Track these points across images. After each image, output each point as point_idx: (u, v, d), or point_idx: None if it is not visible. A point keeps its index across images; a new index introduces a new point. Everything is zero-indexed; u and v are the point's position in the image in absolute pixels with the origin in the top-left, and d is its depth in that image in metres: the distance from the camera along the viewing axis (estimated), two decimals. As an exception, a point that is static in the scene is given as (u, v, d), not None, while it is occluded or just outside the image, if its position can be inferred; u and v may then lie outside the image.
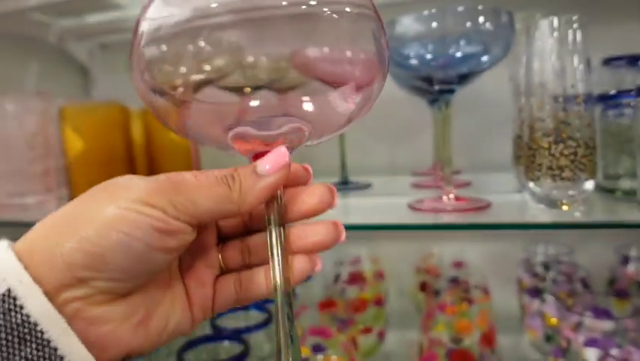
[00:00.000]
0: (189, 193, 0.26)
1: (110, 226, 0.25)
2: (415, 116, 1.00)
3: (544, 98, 0.54)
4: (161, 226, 0.25)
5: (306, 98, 0.28)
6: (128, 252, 0.25)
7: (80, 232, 0.24)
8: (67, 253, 0.24)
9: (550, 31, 0.53)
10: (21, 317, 0.23)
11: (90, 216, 0.25)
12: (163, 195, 0.26)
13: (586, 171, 0.53)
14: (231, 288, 0.32)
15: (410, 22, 0.55)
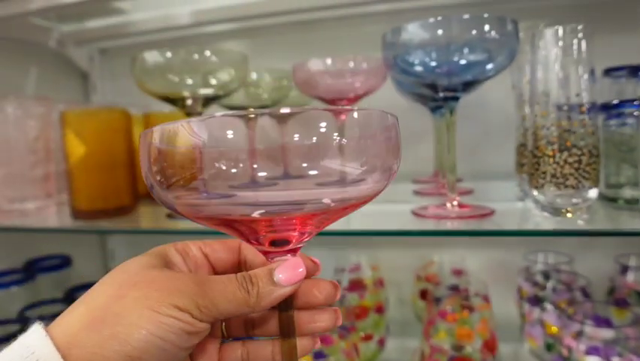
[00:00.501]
0: (213, 297, 0.29)
1: (149, 331, 0.27)
2: (415, 123, 1.00)
3: (549, 107, 0.54)
4: (190, 329, 0.28)
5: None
6: (162, 353, 0.28)
7: (120, 335, 0.27)
8: (109, 356, 0.26)
9: (555, 40, 0.53)
10: None
11: (128, 320, 0.27)
12: (190, 297, 0.28)
13: (590, 180, 0.53)
14: (238, 357, 0.35)
15: (416, 30, 0.56)
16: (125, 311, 0.27)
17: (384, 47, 0.60)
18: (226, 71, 0.73)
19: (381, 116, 0.32)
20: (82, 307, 0.28)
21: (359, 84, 0.80)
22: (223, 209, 0.30)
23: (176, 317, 0.28)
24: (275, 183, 0.28)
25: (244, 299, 0.30)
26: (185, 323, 0.28)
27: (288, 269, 0.31)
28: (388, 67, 0.61)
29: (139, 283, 0.29)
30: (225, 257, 0.35)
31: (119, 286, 0.29)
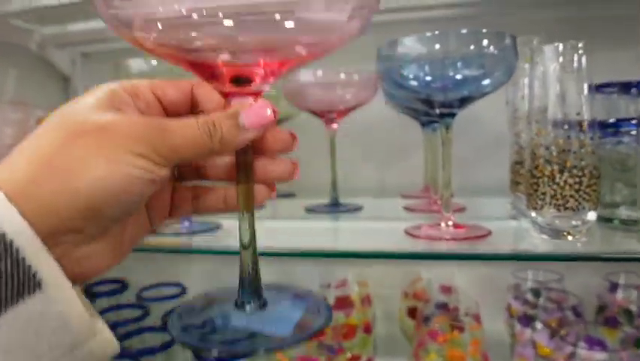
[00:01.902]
0: (173, 143, 0.27)
1: (106, 182, 0.25)
2: (405, 136, 0.99)
3: (548, 125, 0.52)
4: (150, 177, 0.27)
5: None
6: (125, 203, 0.27)
7: (74, 185, 0.25)
8: (63, 207, 0.25)
9: (555, 56, 0.52)
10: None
11: (81, 169, 0.25)
12: (148, 144, 0.26)
13: (590, 201, 0.52)
14: (188, 201, 0.34)
15: (412, 43, 0.54)
16: (76, 162, 0.25)
17: (379, 60, 0.58)
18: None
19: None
20: (24, 159, 0.26)
21: (350, 96, 0.78)
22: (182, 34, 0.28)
23: (138, 165, 0.26)
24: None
25: (206, 145, 0.28)
26: (144, 170, 0.26)
27: (253, 111, 0.30)
28: (383, 80, 0.59)
29: (90, 130, 0.26)
30: (177, 100, 0.32)
31: (66, 133, 0.26)
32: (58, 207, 0.25)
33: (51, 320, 0.25)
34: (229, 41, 0.28)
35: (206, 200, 0.35)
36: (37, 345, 0.24)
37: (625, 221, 0.63)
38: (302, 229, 0.73)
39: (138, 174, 0.26)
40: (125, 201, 0.27)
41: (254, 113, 0.30)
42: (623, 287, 0.90)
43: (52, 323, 0.25)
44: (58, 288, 0.25)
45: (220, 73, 0.30)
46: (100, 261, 0.28)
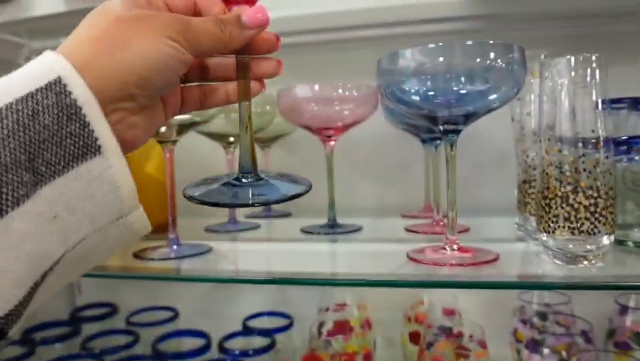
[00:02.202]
0: (196, 33, 0.34)
1: (156, 57, 0.31)
2: (404, 154, 0.96)
3: (561, 143, 0.49)
4: (181, 57, 0.33)
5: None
6: (165, 75, 0.33)
7: (129, 56, 0.30)
8: (122, 75, 0.30)
9: (566, 70, 0.49)
10: (69, 100, 0.27)
11: (136, 45, 0.31)
12: (179, 31, 0.33)
13: (606, 225, 0.48)
14: (196, 97, 0.41)
15: (414, 56, 0.50)
16: (130, 40, 0.31)
17: (379, 74, 0.55)
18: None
19: None
20: (85, 36, 0.31)
21: (347, 112, 0.75)
22: None
23: (172, 45, 0.32)
24: None
25: (220, 37, 0.35)
26: (178, 50, 0.33)
27: (252, 13, 0.37)
28: (383, 95, 0.56)
29: (132, 18, 0.32)
30: (183, 8, 0.37)
31: (114, 19, 0.31)
32: (118, 76, 0.30)
33: (105, 184, 0.29)
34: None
35: (211, 96, 0.42)
36: (92, 207, 0.28)
37: (639, 243, 0.60)
38: (298, 252, 0.69)
39: (171, 52, 0.32)
40: (165, 73, 0.33)
41: (253, 14, 0.37)
42: (634, 310, 0.86)
43: (106, 187, 0.29)
44: (114, 155, 0.29)
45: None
46: (141, 132, 0.34)
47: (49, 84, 0.27)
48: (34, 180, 0.26)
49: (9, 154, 0.25)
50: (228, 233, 0.83)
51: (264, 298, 1.02)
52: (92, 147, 0.28)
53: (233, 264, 0.67)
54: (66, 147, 0.27)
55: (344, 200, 0.93)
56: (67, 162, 0.27)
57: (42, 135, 0.26)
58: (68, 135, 0.27)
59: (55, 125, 0.27)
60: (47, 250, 0.27)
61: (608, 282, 0.47)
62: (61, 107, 0.27)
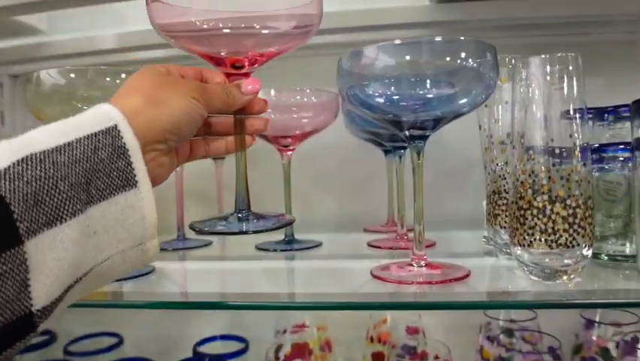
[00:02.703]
0: (210, 95, 0.44)
1: (185, 111, 0.40)
2: (367, 165, 0.91)
3: (534, 150, 0.45)
4: (201, 112, 0.42)
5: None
6: (190, 125, 0.42)
7: (169, 112, 0.39)
8: (163, 124, 0.39)
9: (541, 71, 0.45)
10: (121, 143, 0.35)
11: (171, 102, 0.40)
12: (199, 93, 0.42)
13: (585, 236, 0.45)
14: (202, 147, 0.49)
15: (378, 54, 0.46)
16: (167, 98, 0.40)
17: (340, 75, 0.50)
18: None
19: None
20: (136, 93, 0.39)
21: (306, 120, 0.70)
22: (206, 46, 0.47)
23: (195, 103, 0.41)
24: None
25: (226, 100, 0.45)
26: (199, 107, 0.42)
27: (249, 83, 0.47)
28: (344, 99, 0.51)
29: (170, 82, 0.42)
30: (193, 77, 0.47)
31: (154, 84, 0.40)
32: (158, 125, 0.38)
33: (136, 213, 0.35)
34: (230, 43, 0.47)
35: (214, 146, 0.50)
36: (122, 231, 0.34)
37: (613, 256, 0.57)
38: (252, 271, 0.63)
39: (195, 108, 0.41)
40: (190, 123, 0.41)
41: (250, 84, 0.47)
42: (600, 325, 0.84)
43: (137, 215, 0.35)
44: (146, 190, 0.35)
45: (224, 61, 0.48)
46: (165, 171, 0.42)
47: (108, 129, 0.34)
48: (87, 200, 0.32)
49: (74, 176, 0.32)
50: (176, 251, 0.76)
51: (216, 321, 0.96)
52: (132, 181, 0.35)
53: (180, 286, 0.61)
54: (113, 178, 0.34)
55: (303, 214, 0.88)
56: (111, 190, 0.34)
57: (98, 166, 0.33)
58: (115, 169, 0.34)
59: (108, 160, 0.34)
60: (83, 260, 0.32)
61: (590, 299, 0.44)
62: (115, 147, 0.34)
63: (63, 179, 0.31)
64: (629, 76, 0.91)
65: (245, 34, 0.46)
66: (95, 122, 0.34)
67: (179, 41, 0.48)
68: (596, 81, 0.89)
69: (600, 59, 0.90)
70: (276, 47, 0.48)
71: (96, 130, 0.34)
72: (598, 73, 0.91)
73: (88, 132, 0.33)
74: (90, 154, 0.33)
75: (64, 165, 0.31)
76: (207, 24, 0.44)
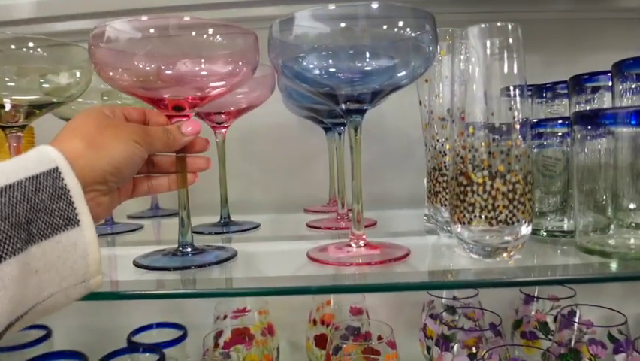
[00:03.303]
0: (151, 138, 0.46)
1: (125, 154, 0.42)
2: (308, 143, 0.88)
3: (475, 125, 0.44)
4: (141, 155, 0.44)
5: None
6: (131, 167, 0.44)
7: (109, 155, 0.41)
8: (103, 166, 0.40)
9: (481, 44, 0.43)
10: (62, 184, 0.36)
11: (112, 146, 0.41)
12: (140, 136, 0.44)
13: (525, 212, 0.44)
14: (145, 185, 0.51)
15: (310, 21, 0.43)
16: (108, 142, 0.42)
17: (271, 45, 0.47)
18: (66, 72, 0.56)
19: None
20: (77, 137, 0.40)
21: (241, 96, 0.66)
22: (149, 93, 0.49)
23: (136, 147, 0.43)
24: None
25: (167, 141, 0.47)
26: (140, 150, 0.44)
27: (190, 125, 0.49)
28: (277, 71, 0.48)
29: (109, 125, 0.43)
30: (137, 119, 0.49)
31: (96, 127, 0.42)
32: (99, 167, 0.40)
33: (79, 250, 0.36)
34: (171, 89, 0.48)
35: (156, 183, 0.52)
36: (64, 269, 0.36)
37: (552, 232, 0.57)
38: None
39: (136, 151, 0.43)
40: (131, 166, 0.43)
41: (190, 126, 0.49)
42: (538, 300, 0.85)
43: (79, 253, 0.36)
44: (88, 228, 0.37)
45: (166, 104, 0.50)
46: (104, 210, 0.43)
47: (49, 171, 0.36)
48: (28, 239, 0.33)
49: (15, 216, 0.33)
50: (105, 236, 0.71)
51: (153, 308, 0.91)
52: (73, 220, 0.36)
53: (108, 274, 0.57)
54: (54, 217, 0.35)
55: (242, 195, 0.85)
56: (53, 229, 0.35)
57: (39, 206, 0.34)
58: (57, 209, 0.35)
59: (49, 201, 0.35)
60: (25, 298, 0.33)
61: (529, 277, 0.43)
62: (55, 188, 0.36)
63: (3, 219, 0.32)
64: (567, 54, 0.92)
65: (185, 78, 0.47)
66: (36, 165, 0.36)
67: (122, 85, 0.49)
68: (534, 59, 0.90)
69: (539, 37, 0.90)
70: (217, 91, 0.50)
71: (37, 172, 0.35)
72: (537, 50, 0.91)
73: (29, 174, 0.35)
74: (31, 195, 0.34)
75: (4, 206, 0.33)
76: (149, 67, 0.46)
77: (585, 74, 0.65)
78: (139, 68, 0.46)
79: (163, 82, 0.47)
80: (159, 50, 0.46)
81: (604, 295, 0.93)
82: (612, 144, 0.46)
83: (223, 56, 0.48)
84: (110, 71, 0.47)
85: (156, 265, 0.51)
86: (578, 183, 0.48)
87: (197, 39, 0.47)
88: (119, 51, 0.46)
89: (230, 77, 0.49)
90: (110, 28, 0.45)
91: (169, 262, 0.51)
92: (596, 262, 0.45)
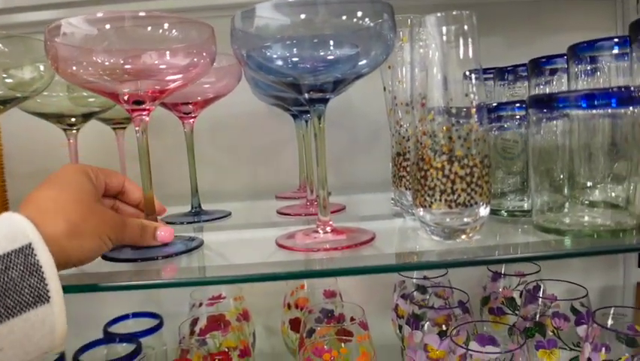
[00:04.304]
0: (125, 234, 0.48)
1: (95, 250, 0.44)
2: (278, 130, 0.89)
3: (434, 110, 0.45)
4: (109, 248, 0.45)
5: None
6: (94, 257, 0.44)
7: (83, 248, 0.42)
8: (72, 254, 0.40)
9: (438, 32, 0.45)
10: (34, 260, 0.36)
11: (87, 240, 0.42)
12: (116, 233, 0.45)
13: (482, 195, 0.45)
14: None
15: (271, 13, 0.44)
16: (88, 234, 0.42)
17: (233, 36, 0.47)
18: (29, 66, 0.56)
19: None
20: (61, 218, 0.40)
21: (208, 85, 0.66)
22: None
23: (107, 243, 0.44)
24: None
25: (138, 240, 0.50)
26: (110, 245, 0.45)
27: (165, 233, 0.52)
28: (240, 62, 0.48)
29: (94, 213, 0.44)
30: (116, 186, 0.52)
31: (82, 210, 0.42)
32: (68, 255, 0.40)
33: (46, 327, 0.36)
34: (131, 83, 0.48)
35: (121, 212, 0.55)
36: (30, 345, 0.35)
37: (512, 212, 0.59)
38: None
39: (104, 248, 0.44)
40: (94, 258, 0.44)
41: (165, 232, 0.52)
42: (505, 276, 0.88)
43: (46, 329, 0.36)
44: (58, 305, 0.36)
45: (125, 99, 0.50)
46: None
47: (22, 248, 0.35)
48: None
49: None
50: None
51: (129, 298, 0.92)
52: (44, 296, 0.35)
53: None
54: (24, 295, 0.35)
55: (213, 184, 0.85)
56: (22, 307, 0.34)
57: (8, 285, 0.34)
58: (27, 286, 0.35)
59: (19, 279, 0.35)
60: None
61: (490, 256, 0.45)
62: (27, 265, 0.35)
63: None
64: (528, 36, 0.94)
65: (143, 73, 0.47)
66: (8, 242, 0.35)
67: (81, 81, 0.48)
68: (496, 41, 0.92)
69: (500, 19, 0.92)
70: (176, 83, 0.51)
71: (9, 250, 0.35)
72: (499, 32, 0.93)
73: (1, 252, 0.35)
74: (0, 274, 0.34)
75: None
76: (107, 62, 0.46)
77: (543, 57, 0.67)
78: (97, 64, 0.46)
79: (121, 77, 0.47)
80: (116, 46, 0.46)
81: (568, 270, 0.97)
82: (567, 126, 0.48)
83: (180, 49, 0.48)
84: (68, 66, 0.46)
85: (124, 256, 0.51)
86: (535, 164, 0.50)
87: (154, 33, 0.47)
88: (75, 47, 0.45)
89: (188, 69, 0.49)
90: (66, 24, 0.44)
91: (136, 255, 0.51)
92: (552, 240, 0.48)
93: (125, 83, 0.48)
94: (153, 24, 0.47)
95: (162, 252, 0.51)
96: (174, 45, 0.48)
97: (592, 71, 0.59)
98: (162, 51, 0.47)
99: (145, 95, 0.50)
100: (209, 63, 0.51)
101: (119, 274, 0.49)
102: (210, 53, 0.51)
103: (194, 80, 0.52)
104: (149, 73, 0.47)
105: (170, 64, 0.48)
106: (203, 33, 0.50)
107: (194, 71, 0.50)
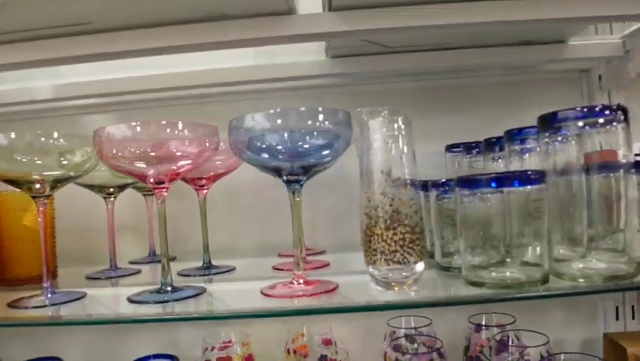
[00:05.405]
0: None
1: None
2: (281, 196, 1.04)
3: (375, 188, 0.60)
4: None
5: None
6: None
7: None
8: None
9: (379, 128, 0.60)
10: None
11: None
12: None
13: (414, 255, 0.59)
14: None
15: (258, 119, 0.60)
16: None
17: (231, 132, 0.63)
18: (80, 151, 0.72)
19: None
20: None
21: (219, 163, 0.82)
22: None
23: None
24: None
25: None
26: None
27: None
28: (235, 151, 0.64)
29: None
30: None
31: None
32: None
33: None
34: (154, 167, 0.65)
35: None
36: None
37: (459, 268, 0.71)
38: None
39: None
40: None
41: None
42: (485, 328, 0.98)
43: None
44: None
45: (149, 180, 0.66)
46: None
47: None
48: None
49: None
50: (109, 280, 0.87)
51: (151, 341, 1.05)
52: None
53: (109, 308, 0.72)
54: None
55: (227, 243, 1.00)
56: None
57: None
58: None
59: None
60: None
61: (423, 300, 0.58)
62: None
63: None
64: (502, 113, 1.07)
65: (166, 160, 0.64)
66: None
67: (118, 167, 0.65)
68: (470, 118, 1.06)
69: (476, 99, 1.07)
70: (189, 166, 0.67)
71: None
72: (474, 111, 1.07)
73: None
74: None
75: None
76: (138, 152, 0.63)
77: (493, 138, 0.81)
78: (130, 153, 0.63)
79: (147, 163, 0.64)
80: (145, 142, 0.63)
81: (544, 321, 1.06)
82: (483, 203, 0.62)
83: (191, 141, 0.66)
84: (109, 159, 0.64)
85: (143, 300, 0.66)
86: (463, 231, 0.63)
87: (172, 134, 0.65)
88: (115, 142, 0.63)
89: (197, 156, 0.66)
90: (110, 129, 0.62)
91: (152, 298, 0.67)
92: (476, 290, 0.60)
93: (150, 167, 0.65)
94: (172, 127, 0.64)
95: (173, 297, 0.67)
96: (187, 139, 0.65)
97: (523, 150, 0.73)
98: (178, 144, 0.64)
99: (164, 177, 0.66)
100: (213, 151, 0.68)
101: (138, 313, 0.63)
102: (214, 143, 0.68)
103: (203, 164, 0.68)
104: (169, 160, 0.64)
105: (184, 151, 0.64)
106: (208, 131, 0.67)
107: (202, 157, 0.67)
